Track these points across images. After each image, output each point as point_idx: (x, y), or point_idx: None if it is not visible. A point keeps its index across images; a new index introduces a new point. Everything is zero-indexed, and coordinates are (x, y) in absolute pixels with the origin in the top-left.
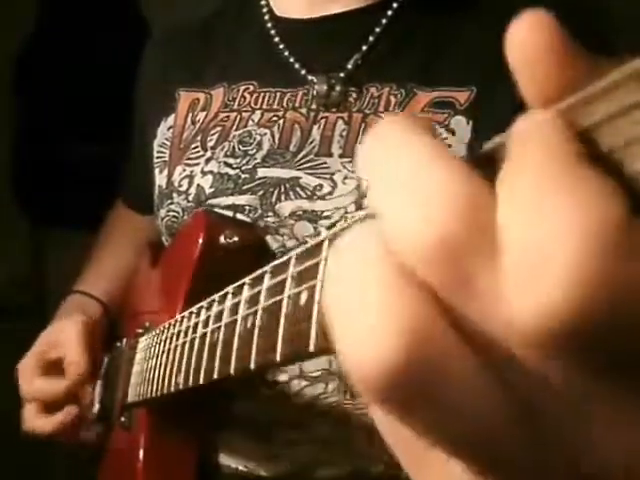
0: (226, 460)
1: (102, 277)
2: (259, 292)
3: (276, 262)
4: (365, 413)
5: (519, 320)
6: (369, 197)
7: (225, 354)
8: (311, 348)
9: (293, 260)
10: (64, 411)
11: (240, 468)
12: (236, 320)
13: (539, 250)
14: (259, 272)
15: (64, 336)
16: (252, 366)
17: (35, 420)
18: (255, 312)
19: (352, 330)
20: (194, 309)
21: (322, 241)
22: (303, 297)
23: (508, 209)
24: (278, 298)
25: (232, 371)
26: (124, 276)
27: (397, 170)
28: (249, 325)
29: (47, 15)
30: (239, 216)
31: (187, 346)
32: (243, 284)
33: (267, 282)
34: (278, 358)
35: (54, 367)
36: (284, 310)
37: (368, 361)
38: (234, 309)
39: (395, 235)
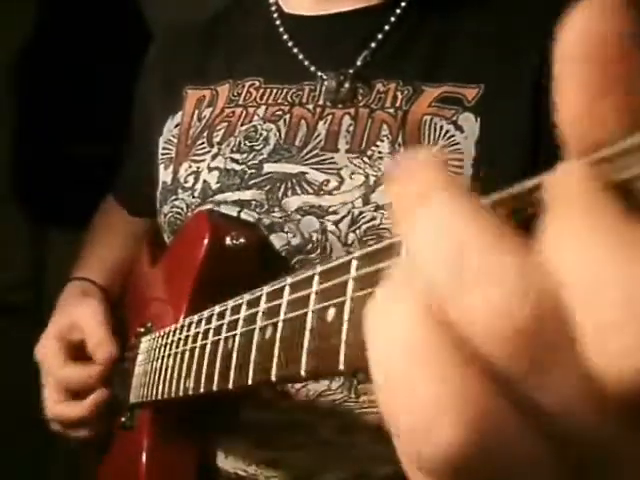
0: (225, 464)
1: (99, 266)
2: (280, 304)
3: (297, 276)
4: (369, 412)
5: (608, 387)
6: (418, 267)
7: (242, 364)
8: (341, 366)
9: (317, 277)
10: (95, 394)
11: (239, 472)
12: (253, 330)
13: (616, 328)
14: (278, 284)
15: (82, 318)
16: (273, 378)
17: (63, 406)
18: (275, 324)
19: (405, 421)
20: (205, 314)
21: (350, 260)
22: (330, 313)
23: (575, 289)
24: (301, 312)
25: (250, 381)
26: (120, 265)
27: (461, 258)
28: (268, 336)
29: (47, 15)
30: (245, 211)
31: (197, 352)
32: (260, 295)
33: (287, 295)
34: (303, 373)
35: (76, 350)
36: (308, 325)
37: (426, 452)
38: (251, 319)
39: (461, 322)
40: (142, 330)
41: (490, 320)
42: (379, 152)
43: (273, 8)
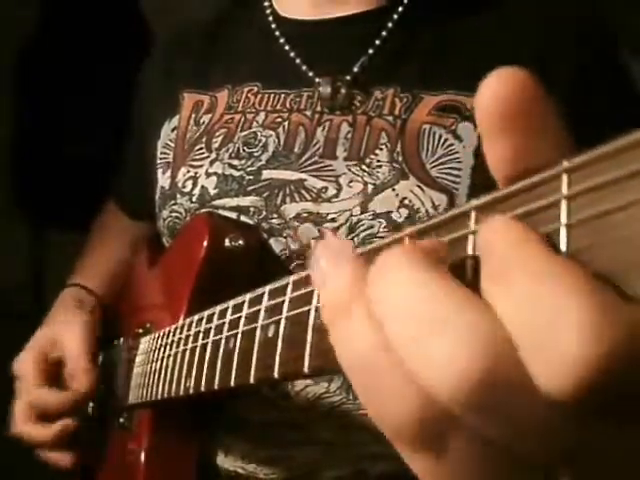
0: (225, 462)
1: (96, 272)
2: (282, 302)
3: (300, 274)
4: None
5: (555, 394)
6: (389, 330)
7: (244, 362)
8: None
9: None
10: (63, 422)
11: (238, 470)
12: (255, 328)
13: (558, 346)
14: (280, 282)
15: (65, 338)
16: (276, 376)
17: (30, 426)
18: (278, 321)
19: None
20: (205, 314)
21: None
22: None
23: (522, 333)
24: (305, 309)
25: (252, 380)
26: (118, 271)
27: (422, 316)
28: (271, 334)
29: (47, 15)
30: (243, 218)
31: (198, 351)
32: (263, 293)
33: (290, 293)
34: (306, 370)
35: (54, 368)
36: (311, 322)
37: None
38: (253, 317)
39: (436, 384)
40: (141, 331)
41: (442, 369)
42: (378, 160)
43: (268, 12)
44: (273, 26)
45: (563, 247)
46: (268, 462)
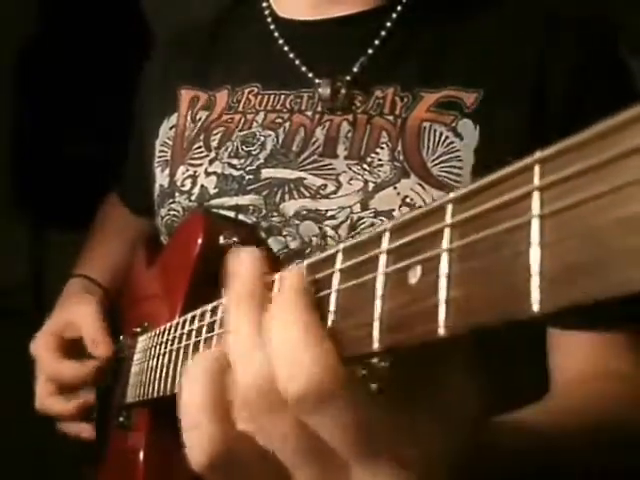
0: None
1: (101, 264)
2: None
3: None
4: None
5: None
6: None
7: None
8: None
9: (304, 271)
10: (81, 398)
11: None
12: None
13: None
14: (268, 278)
15: (81, 318)
16: None
17: (52, 400)
18: None
19: (186, 440)
20: (198, 312)
21: (336, 252)
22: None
23: (277, 362)
24: None
25: None
26: (118, 266)
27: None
28: None
29: (48, 16)
30: (243, 216)
31: (191, 348)
32: None
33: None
34: None
35: (71, 345)
36: None
37: (194, 462)
38: None
39: (238, 382)
40: (139, 330)
41: (239, 384)
42: (379, 159)
43: (267, 12)
44: (272, 27)
45: (536, 238)
46: None
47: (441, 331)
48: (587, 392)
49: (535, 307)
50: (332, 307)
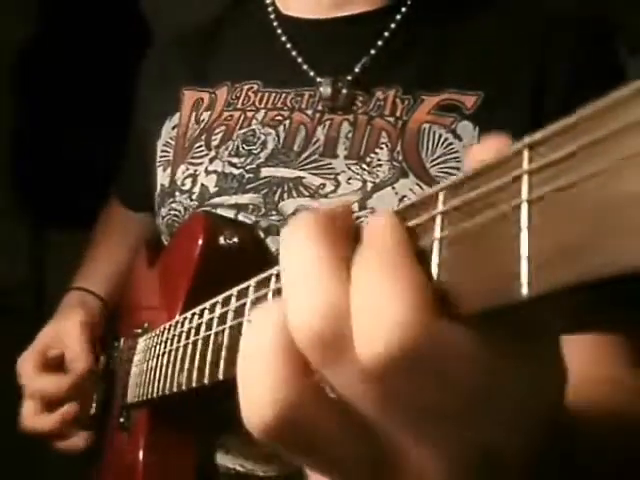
0: (223, 460)
1: (100, 275)
2: (266, 294)
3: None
4: None
5: (367, 365)
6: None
7: (230, 356)
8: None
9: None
10: (64, 408)
11: (237, 468)
12: (241, 322)
13: (374, 327)
14: (265, 275)
15: (65, 333)
16: None
17: (35, 418)
18: None
19: (246, 396)
20: (197, 310)
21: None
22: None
23: (356, 300)
24: None
25: None
26: (120, 274)
27: (297, 272)
28: None
29: (47, 15)
30: (242, 215)
31: (190, 347)
32: (248, 286)
33: (274, 285)
34: None
35: (55, 364)
36: None
37: (254, 420)
38: (239, 311)
39: (289, 323)
40: (139, 331)
41: (299, 327)
42: (378, 159)
43: (270, 9)
44: (275, 24)
45: (525, 222)
46: (267, 460)
47: None
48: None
49: (524, 290)
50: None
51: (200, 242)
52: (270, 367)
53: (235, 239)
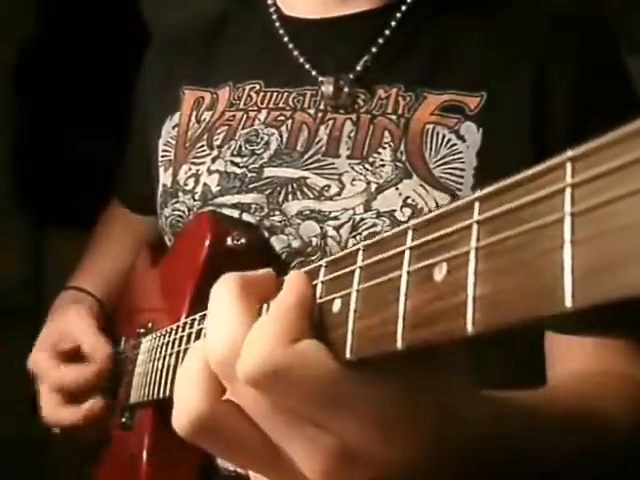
0: (225, 462)
1: (96, 275)
2: None
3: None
4: None
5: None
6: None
7: None
8: (347, 355)
9: (322, 269)
10: (92, 400)
11: (239, 470)
12: None
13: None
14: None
15: (74, 326)
16: None
17: (60, 410)
18: None
19: (175, 407)
20: (204, 313)
21: (357, 250)
22: (337, 304)
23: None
24: None
25: None
26: (119, 274)
27: (215, 318)
28: None
29: (47, 15)
30: (245, 215)
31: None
32: None
33: None
34: None
35: (68, 358)
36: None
37: (176, 426)
38: None
39: (207, 353)
40: (143, 331)
41: (211, 354)
42: (381, 159)
43: (272, 10)
44: (277, 24)
45: (568, 235)
46: None
47: (469, 328)
48: (586, 383)
49: (568, 303)
50: (352, 306)
51: (207, 243)
52: (192, 387)
53: (243, 240)
